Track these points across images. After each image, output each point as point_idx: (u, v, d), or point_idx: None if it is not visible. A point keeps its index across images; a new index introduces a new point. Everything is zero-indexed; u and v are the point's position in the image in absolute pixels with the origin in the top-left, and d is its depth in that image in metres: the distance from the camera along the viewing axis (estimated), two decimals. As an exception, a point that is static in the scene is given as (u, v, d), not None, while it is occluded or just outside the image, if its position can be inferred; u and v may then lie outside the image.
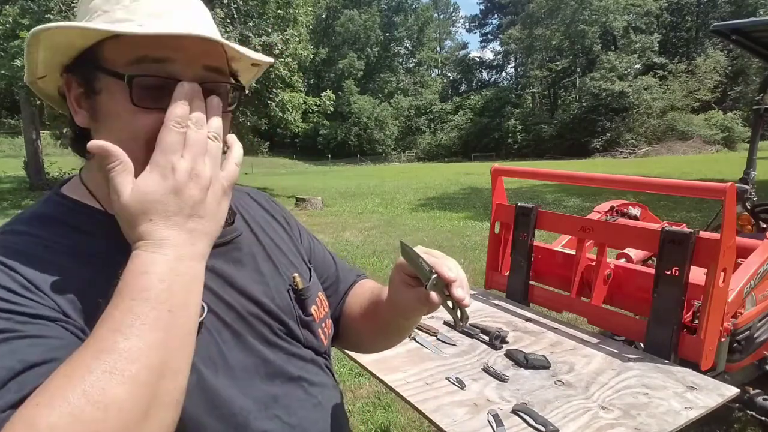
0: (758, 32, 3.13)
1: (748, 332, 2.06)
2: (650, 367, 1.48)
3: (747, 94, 39.85)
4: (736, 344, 2.01)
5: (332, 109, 16.62)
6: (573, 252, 2.05)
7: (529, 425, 1.19)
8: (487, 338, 1.66)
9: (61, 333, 0.53)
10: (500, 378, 1.42)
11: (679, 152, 36.69)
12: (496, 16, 67.33)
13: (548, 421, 1.18)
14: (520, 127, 48.80)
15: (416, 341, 1.66)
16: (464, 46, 74.00)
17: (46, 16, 10.26)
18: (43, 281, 0.56)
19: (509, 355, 1.55)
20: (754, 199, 3.15)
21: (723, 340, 1.73)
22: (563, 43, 49.53)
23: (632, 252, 2.32)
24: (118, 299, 0.49)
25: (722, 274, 1.50)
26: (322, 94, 15.76)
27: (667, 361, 1.52)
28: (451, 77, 69.24)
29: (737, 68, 42.03)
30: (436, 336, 1.71)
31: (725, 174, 14.35)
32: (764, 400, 2.16)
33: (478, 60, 69.05)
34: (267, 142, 18.03)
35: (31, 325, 0.51)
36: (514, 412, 1.24)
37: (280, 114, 13.76)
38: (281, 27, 13.77)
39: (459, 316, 0.67)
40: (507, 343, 1.65)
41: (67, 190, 0.69)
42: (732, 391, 1.36)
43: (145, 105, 0.59)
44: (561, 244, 2.33)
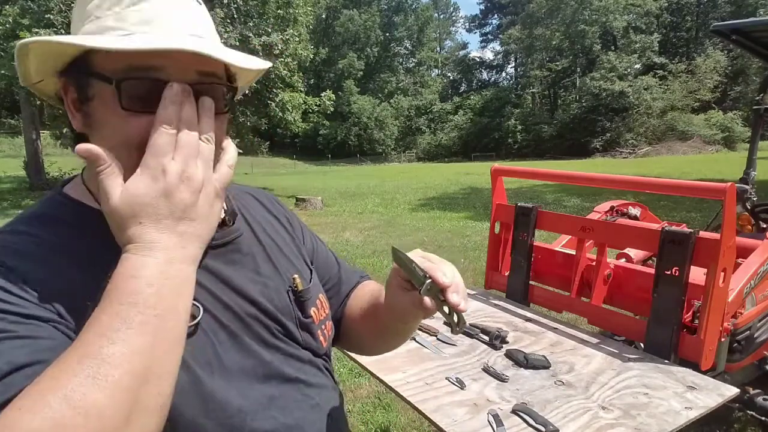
0: (758, 32, 3.13)
1: (748, 332, 2.06)
2: (650, 367, 1.48)
3: (747, 94, 39.84)
4: (736, 344, 2.01)
5: (332, 109, 16.61)
6: (573, 252, 2.05)
7: (529, 425, 1.19)
8: (487, 338, 1.66)
9: (52, 333, 0.53)
10: (500, 378, 1.42)
11: (679, 152, 36.68)
12: (496, 16, 67.36)
13: (548, 421, 1.19)
14: (520, 127, 48.77)
15: (416, 341, 1.66)
16: (464, 46, 74.03)
17: (46, 16, 10.26)
18: (38, 282, 0.56)
19: (509, 355, 1.55)
20: (754, 199, 3.15)
21: (723, 340, 1.73)
22: (563, 43, 49.52)
23: (632, 252, 2.32)
24: (107, 303, 0.49)
25: (722, 274, 1.50)
26: (322, 94, 15.76)
27: (667, 361, 1.52)
28: (451, 77, 69.22)
29: (737, 68, 42.02)
30: (436, 336, 1.71)
31: (725, 174, 14.35)
32: (764, 400, 2.16)
33: (478, 60, 69.08)
34: (267, 142, 18.00)
35: (23, 326, 0.51)
36: (514, 412, 1.24)
37: (280, 114, 13.76)
38: (281, 27, 13.76)
39: (456, 321, 0.66)
40: (507, 343, 1.65)
41: (69, 190, 0.69)
42: (732, 391, 1.36)
43: (134, 109, 0.58)
44: (561, 244, 2.33)
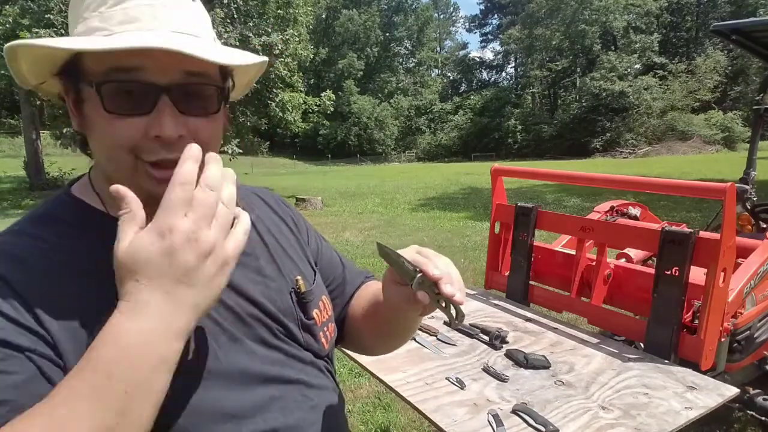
0: (758, 32, 3.13)
1: (748, 332, 2.06)
2: (650, 367, 1.48)
3: (747, 94, 39.84)
4: (736, 344, 2.01)
5: (332, 109, 16.62)
6: (573, 252, 2.05)
7: (529, 425, 1.19)
8: (487, 338, 1.66)
9: (23, 367, 0.52)
10: (500, 378, 1.42)
11: (679, 152, 36.67)
12: (496, 16, 67.36)
13: (548, 421, 1.19)
14: (520, 127, 48.75)
15: (416, 341, 1.66)
16: (464, 46, 74.03)
17: (46, 16, 10.27)
18: (31, 294, 0.56)
19: (509, 355, 1.55)
20: (754, 199, 3.15)
21: (723, 340, 1.73)
22: (563, 43, 49.51)
23: (632, 252, 2.32)
24: (83, 364, 0.48)
25: (722, 274, 1.50)
26: (322, 94, 15.76)
27: (667, 361, 1.52)
28: (451, 77, 69.20)
29: (737, 68, 42.01)
30: (436, 336, 1.71)
31: (725, 174, 14.35)
32: (764, 400, 2.16)
33: (478, 60, 69.05)
34: (267, 142, 17.97)
35: None
36: (514, 412, 1.24)
37: (280, 114, 13.76)
38: (281, 27, 13.77)
39: (454, 315, 0.63)
40: (507, 343, 1.65)
41: (75, 190, 0.69)
42: (732, 391, 1.36)
43: (117, 111, 0.58)
44: (561, 244, 2.33)
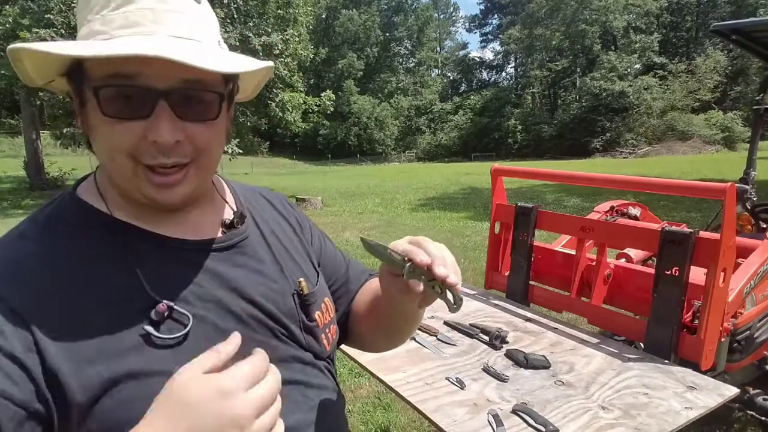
0: (758, 32, 3.13)
1: (748, 332, 2.06)
2: (650, 367, 1.48)
3: (747, 94, 39.84)
4: (736, 344, 2.01)
5: (332, 109, 16.61)
6: (573, 252, 2.05)
7: (529, 425, 1.19)
8: (487, 338, 1.66)
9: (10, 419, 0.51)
10: (500, 378, 1.42)
11: (679, 152, 36.68)
12: (496, 16, 67.42)
13: (548, 421, 1.18)
14: (520, 127, 48.77)
15: (416, 341, 1.66)
16: (464, 46, 74.10)
17: (46, 16, 10.26)
18: (31, 315, 0.56)
19: (509, 355, 1.55)
20: (754, 199, 3.15)
21: (723, 340, 1.73)
22: (563, 43, 49.52)
23: (632, 252, 2.32)
24: None
25: (722, 274, 1.50)
26: (322, 94, 15.75)
27: (667, 361, 1.52)
28: (451, 77, 69.22)
29: (737, 68, 42.02)
30: (436, 336, 1.71)
31: (725, 174, 14.35)
32: (764, 400, 2.16)
33: (478, 60, 69.08)
34: (267, 142, 17.96)
35: None
36: (514, 412, 1.24)
37: (280, 114, 13.74)
38: (281, 27, 13.75)
39: (452, 300, 0.61)
40: (507, 343, 1.64)
41: (81, 191, 0.69)
42: (732, 391, 1.36)
43: (115, 115, 0.58)
44: (561, 244, 2.33)
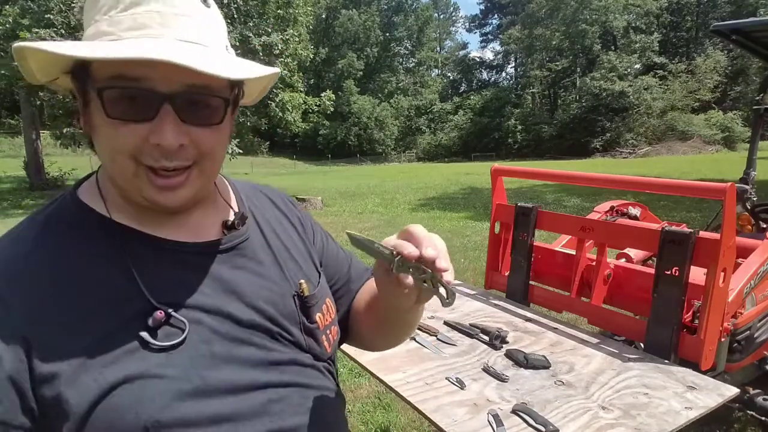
0: (758, 32, 3.13)
1: (748, 332, 2.06)
2: (650, 367, 1.48)
3: (747, 94, 39.84)
4: (736, 344, 2.01)
5: (332, 109, 16.59)
6: (573, 252, 2.05)
7: (529, 425, 1.19)
8: (487, 338, 1.65)
9: None
10: (500, 378, 1.42)
11: (679, 152, 36.68)
12: (496, 16, 67.38)
13: (548, 421, 1.18)
14: (520, 127, 48.77)
15: (416, 341, 1.66)
16: (464, 46, 74.07)
17: (46, 16, 10.25)
18: (25, 309, 0.57)
19: (509, 355, 1.55)
20: (754, 199, 3.15)
21: (723, 340, 1.73)
22: (563, 43, 49.50)
23: (632, 252, 2.32)
24: None
25: (722, 274, 1.50)
26: (322, 94, 15.74)
27: (667, 361, 1.52)
28: (451, 77, 69.18)
29: (737, 68, 42.02)
30: (436, 336, 1.71)
31: (725, 174, 14.35)
32: (764, 400, 2.16)
33: (478, 60, 69.04)
34: (267, 142, 17.97)
35: None
36: (514, 412, 1.24)
37: (280, 114, 13.74)
38: (281, 27, 13.74)
39: (445, 294, 0.59)
40: (507, 343, 1.64)
41: (81, 191, 0.69)
42: (732, 391, 1.36)
43: (119, 117, 0.58)
44: (561, 244, 2.32)
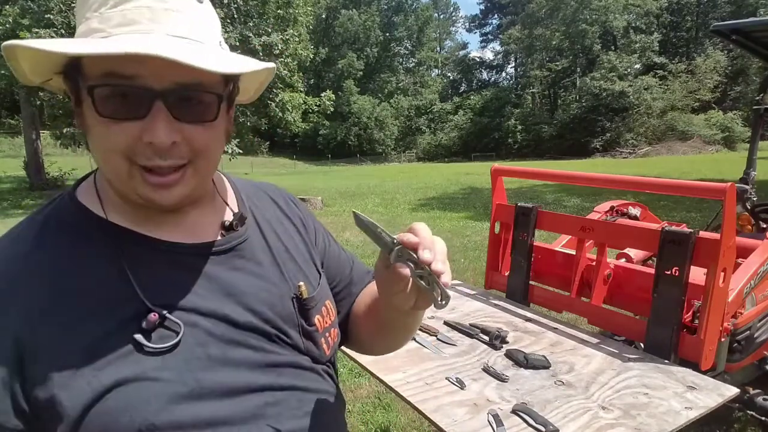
0: (758, 32, 3.13)
1: (748, 332, 2.06)
2: (650, 367, 1.48)
3: (747, 94, 39.84)
4: (736, 344, 2.01)
5: (332, 109, 16.59)
6: (573, 252, 2.05)
7: (529, 425, 1.19)
8: (487, 338, 1.66)
9: None
10: (500, 378, 1.42)
11: (679, 152, 36.68)
12: (496, 16, 67.37)
13: (548, 421, 1.18)
14: (520, 127, 48.76)
15: (416, 341, 1.66)
16: (464, 46, 74.05)
17: (46, 16, 10.25)
18: (23, 310, 0.57)
19: (509, 355, 1.55)
20: (754, 199, 3.15)
21: (723, 340, 1.72)
22: (563, 43, 49.49)
23: (632, 252, 2.32)
24: None
25: (722, 274, 1.50)
26: (322, 94, 15.74)
27: (667, 361, 1.52)
28: (451, 77, 69.15)
29: (737, 68, 42.01)
30: (436, 336, 1.71)
31: (725, 174, 14.35)
32: (764, 400, 2.16)
33: (478, 60, 69.01)
34: (267, 142, 18.01)
35: None
36: (514, 412, 1.24)
37: (280, 114, 13.74)
38: (281, 27, 13.74)
39: (439, 295, 0.57)
40: (507, 343, 1.65)
41: (80, 191, 0.69)
42: (732, 391, 1.36)
43: (110, 115, 0.57)
44: (561, 244, 2.32)
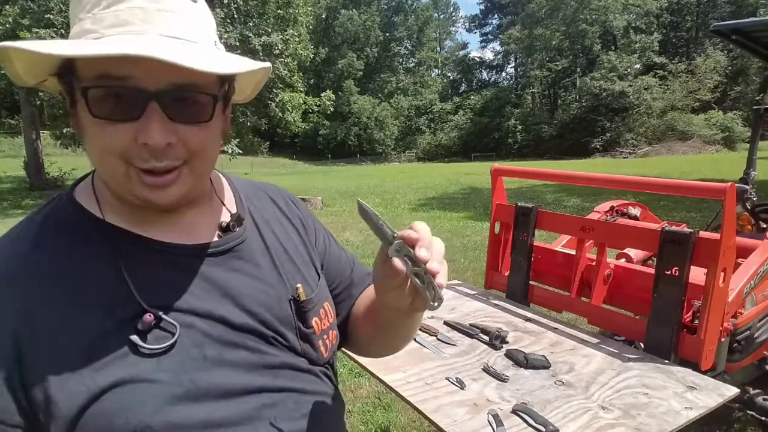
0: (758, 32, 3.13)
1: (748, 332, 2.06)
2: (650, 367, 1.48)
3: (747, 94, 39.84)
4: (736, 344, 2.01)
5: (332, 109, 16.59)
6: (573, 252, 2.05)
7: (529, 425, 1.19)
8: (487, 338, 1.66)
9: None
10: (500, 378, 1.42)
11: (679, 152, 36.68)
12: (496, 16, 67.38)
13: (548, 421, 1.18)
14: (520, 127, 48.77)
15: (416, 341, 1.66)
16: (464, 46, 74.04)
17: (46, 16, 10.26)
18: (22, 310, 0.57)
19: (509, 355, 1.55)
20: (754, 199, 3.15)
21: (723, 340, 1.73)
22: (563, 43, 49.49)
23: (632, 252, 2.32)
24: None
25: (722, 274, 1.50)
26: (322, 94, 15.74)
27: (667, 361, 1.52)
28: (451, 77, 69.15)
29: (737, 68, 42.02)
30: (436, 336, 1.71)
31: (725, 174, 14.36)
32: (764, 400, 2.16)
33: (478, 60, 69.01)
34: (267, 142, 18.00)
35: None
36: (514, 412, 1.24)
37: (280, 114, 13.73)
38: (281, 27, 13.74)
39: (432, 295, 0.57)
40: (507, 343, 1.65)
41: (78, 192, 0.69)
42: (732, 391, 1.36)
43: (105, 117, 0.57)
44: (561, 244, 2.33)
